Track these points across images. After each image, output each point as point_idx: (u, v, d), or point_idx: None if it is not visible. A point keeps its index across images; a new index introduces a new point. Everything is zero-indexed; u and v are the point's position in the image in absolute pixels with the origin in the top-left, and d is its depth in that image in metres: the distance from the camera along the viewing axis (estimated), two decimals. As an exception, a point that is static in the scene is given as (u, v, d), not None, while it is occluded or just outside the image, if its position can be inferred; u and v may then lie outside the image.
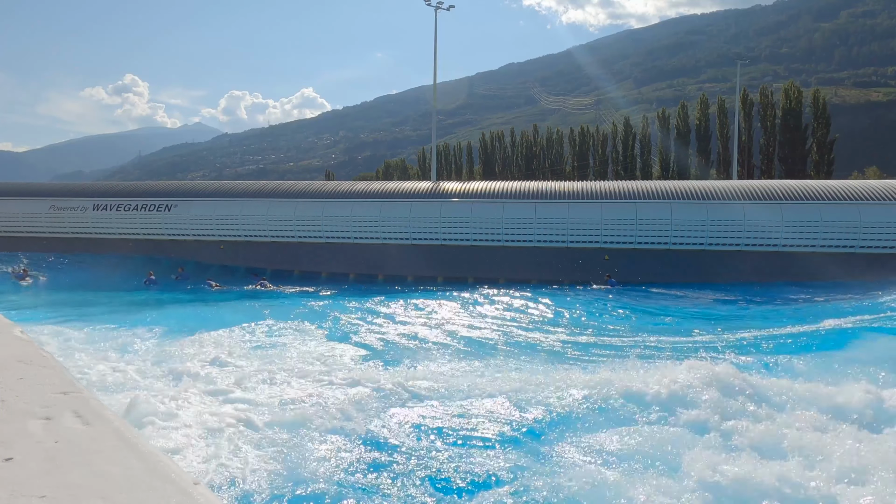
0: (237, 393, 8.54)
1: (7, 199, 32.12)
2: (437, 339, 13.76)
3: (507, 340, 13.74)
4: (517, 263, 26.40)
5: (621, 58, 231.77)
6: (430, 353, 12.31)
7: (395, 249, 27.56)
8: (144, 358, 11.15)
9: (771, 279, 24.09)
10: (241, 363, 10.65)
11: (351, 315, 16.42)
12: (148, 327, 14.55)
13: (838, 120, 58.09)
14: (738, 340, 13.01)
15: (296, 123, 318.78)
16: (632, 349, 12.00)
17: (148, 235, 30.20)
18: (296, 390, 8.76)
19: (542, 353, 12.21)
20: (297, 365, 10.41)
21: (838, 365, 10.11)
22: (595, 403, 7.88)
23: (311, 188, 31.03)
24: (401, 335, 14.18)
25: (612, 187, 28.09)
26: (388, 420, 7.56)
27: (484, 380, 9.37)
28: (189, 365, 10.20)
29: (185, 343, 12.28)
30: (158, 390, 8.57)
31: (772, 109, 49.38)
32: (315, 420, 7.30)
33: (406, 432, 7.16)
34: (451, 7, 33.74)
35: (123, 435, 1.49)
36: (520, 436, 7.08)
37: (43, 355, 2.26)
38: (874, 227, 24.16)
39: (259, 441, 6.65)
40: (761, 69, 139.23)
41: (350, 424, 7.24)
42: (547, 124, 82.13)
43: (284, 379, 9.38)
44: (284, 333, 13.94)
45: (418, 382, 9.06)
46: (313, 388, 8.87)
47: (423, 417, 7.63)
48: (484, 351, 12.55)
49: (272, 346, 12.67)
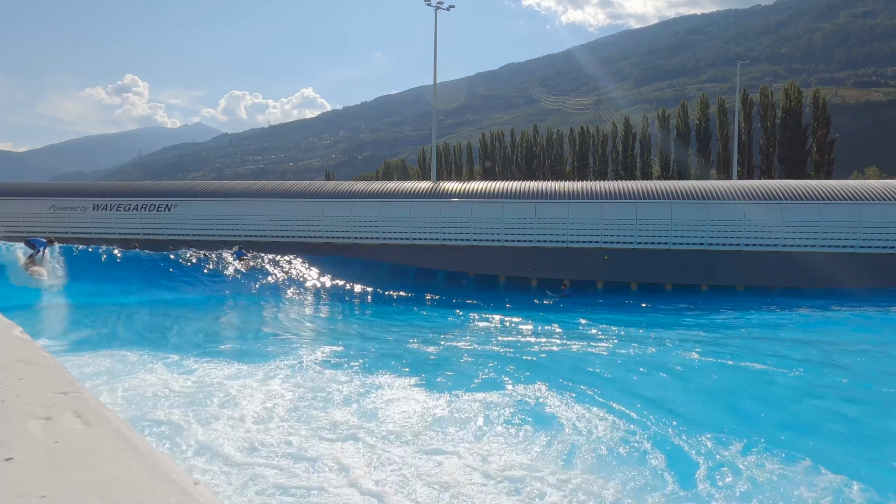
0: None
1: (7, 199, 32.12)
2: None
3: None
4: (517, 263, 26.43)
5: (621, 58, 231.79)
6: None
7: (396, 249, 27.57)
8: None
9: (771, 279, 24.14)
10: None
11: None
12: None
13: (838, 120, 58.10)
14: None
15: (296, 123, 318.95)
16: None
17: (148, 235, 30.20)
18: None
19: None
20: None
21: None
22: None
23: (310, 188, 31.03)
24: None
25: (612, 187, 28.08)
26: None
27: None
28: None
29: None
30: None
31: (772, 109, 49.41)
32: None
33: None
34: (451, 7, 33.76)
35: (123, 435, 1.49)
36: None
37: (43, 355, 2.26)
38: (874, 227, 24.17)
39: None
40: (761, 69, 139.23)
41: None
42: (547, 124, 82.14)
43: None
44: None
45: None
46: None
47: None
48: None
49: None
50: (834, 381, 9.72)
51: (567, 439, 6.81)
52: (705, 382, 9.67)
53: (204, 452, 6.33)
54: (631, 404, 7.94)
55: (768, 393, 9.05)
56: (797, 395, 8.89)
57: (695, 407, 8.15)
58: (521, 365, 10.65)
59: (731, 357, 11.31)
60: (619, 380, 9.57)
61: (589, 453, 6.44)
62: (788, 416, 7.96)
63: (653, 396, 8.48)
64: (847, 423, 7.70)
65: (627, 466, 6.12)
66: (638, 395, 8.54)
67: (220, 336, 13.98)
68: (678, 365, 10.64)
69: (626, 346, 12.51)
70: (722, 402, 8.67)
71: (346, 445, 6.57)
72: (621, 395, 8.39)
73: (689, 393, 9.03)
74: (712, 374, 10.12)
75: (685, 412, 7.75)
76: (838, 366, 10.92)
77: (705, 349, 12.02)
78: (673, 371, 10.20)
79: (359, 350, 12.14)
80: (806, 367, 10.48)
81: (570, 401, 8.08)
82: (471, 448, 6.56)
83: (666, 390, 9.05)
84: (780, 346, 12.98)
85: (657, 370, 10.23)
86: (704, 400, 8.72)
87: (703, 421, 7.40)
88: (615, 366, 10.64)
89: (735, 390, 9.26)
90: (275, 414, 7.60)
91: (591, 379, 9.47)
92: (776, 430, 7.15)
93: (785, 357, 11.32)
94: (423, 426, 7.26)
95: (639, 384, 9.32)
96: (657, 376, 9.87)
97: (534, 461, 6.24)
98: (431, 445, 6.65)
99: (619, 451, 6.48)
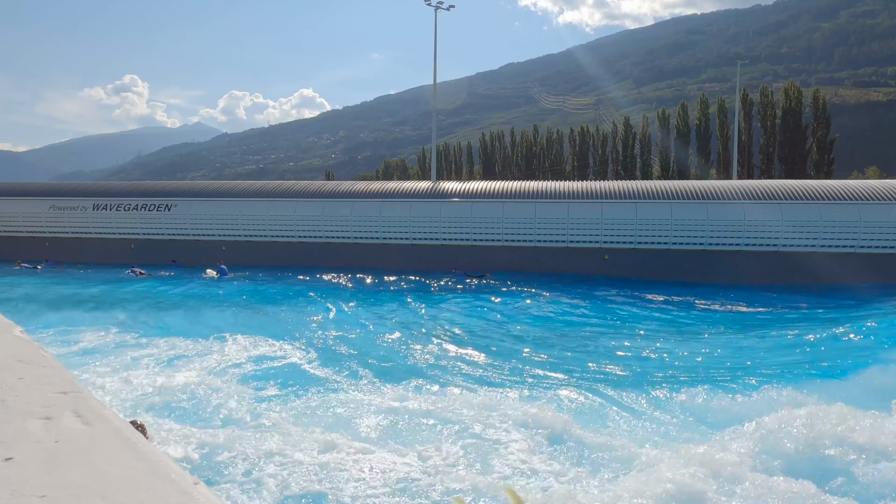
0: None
1: (7, 199, 32.11)
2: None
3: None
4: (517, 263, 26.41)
5: (621, 57, 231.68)
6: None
7: (396, 249, 27.55)
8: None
9: (770, 279, 24.09)
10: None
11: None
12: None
13: (838, 120, 58.06)
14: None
15: (296, 123, 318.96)
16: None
17: (148, 235, 30.19)
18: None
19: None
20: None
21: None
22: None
23: (311, 188, 31.01)
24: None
25: (612, 187, 28.06)
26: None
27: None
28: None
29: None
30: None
31: (772, 109, 49.38)
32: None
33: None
34: (451, 7, 33.75)
35: (123, 435, 1.49)
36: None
37: (43, 355, 2.26)
38: (874, 227, 24.15)
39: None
40: (761, 69, 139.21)
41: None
42: (547, 124, 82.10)
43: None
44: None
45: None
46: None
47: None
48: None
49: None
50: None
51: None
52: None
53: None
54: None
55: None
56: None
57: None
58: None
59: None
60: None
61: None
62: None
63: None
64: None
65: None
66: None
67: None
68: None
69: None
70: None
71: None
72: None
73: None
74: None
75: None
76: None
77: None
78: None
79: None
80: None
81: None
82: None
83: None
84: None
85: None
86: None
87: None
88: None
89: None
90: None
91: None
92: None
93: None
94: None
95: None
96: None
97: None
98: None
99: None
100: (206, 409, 8.59)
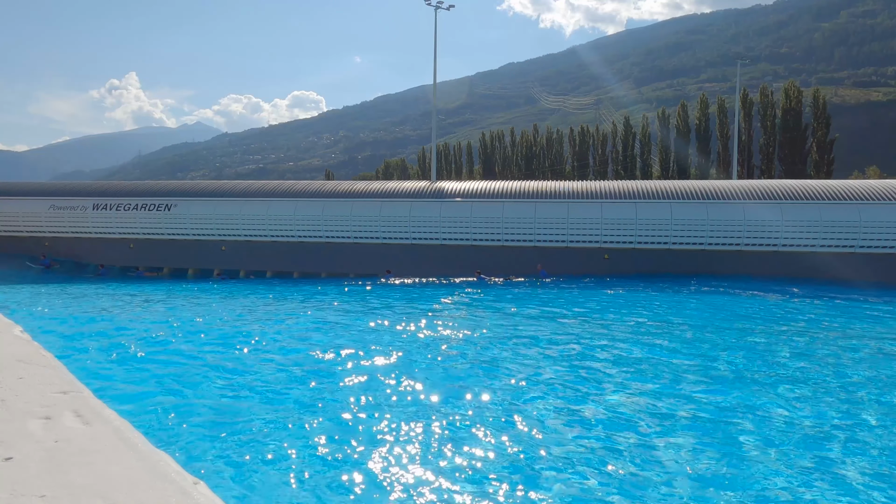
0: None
1: (7, 198, 32.11)
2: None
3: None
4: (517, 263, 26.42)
5: (621, 57, 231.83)
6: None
7: (397, 249, 27.56)
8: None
9: (770, 279, 24.09)
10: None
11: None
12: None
13: (838, 120, 58.10)
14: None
15: (296, 123, 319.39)
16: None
17: (148, 235, 30.20)
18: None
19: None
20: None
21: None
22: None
23: (310, 188, 31.01)
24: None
25: (612, 187, 28.06)
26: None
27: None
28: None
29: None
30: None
31: (772, 109, 49.42)
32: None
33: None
34: (450, 7, 33.75)
35: (123, 435, 1.49)
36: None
37: (43, 355, 2.26)
38: (874, 226, 24.15)
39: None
40: (761, 69, 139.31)
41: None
42: (547, 124, 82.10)
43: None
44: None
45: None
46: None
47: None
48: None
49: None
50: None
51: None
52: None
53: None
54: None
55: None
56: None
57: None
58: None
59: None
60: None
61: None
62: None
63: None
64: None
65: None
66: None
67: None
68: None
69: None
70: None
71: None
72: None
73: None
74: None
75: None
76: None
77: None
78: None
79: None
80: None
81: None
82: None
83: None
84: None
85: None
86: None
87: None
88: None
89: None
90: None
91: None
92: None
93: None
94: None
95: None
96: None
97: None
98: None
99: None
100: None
